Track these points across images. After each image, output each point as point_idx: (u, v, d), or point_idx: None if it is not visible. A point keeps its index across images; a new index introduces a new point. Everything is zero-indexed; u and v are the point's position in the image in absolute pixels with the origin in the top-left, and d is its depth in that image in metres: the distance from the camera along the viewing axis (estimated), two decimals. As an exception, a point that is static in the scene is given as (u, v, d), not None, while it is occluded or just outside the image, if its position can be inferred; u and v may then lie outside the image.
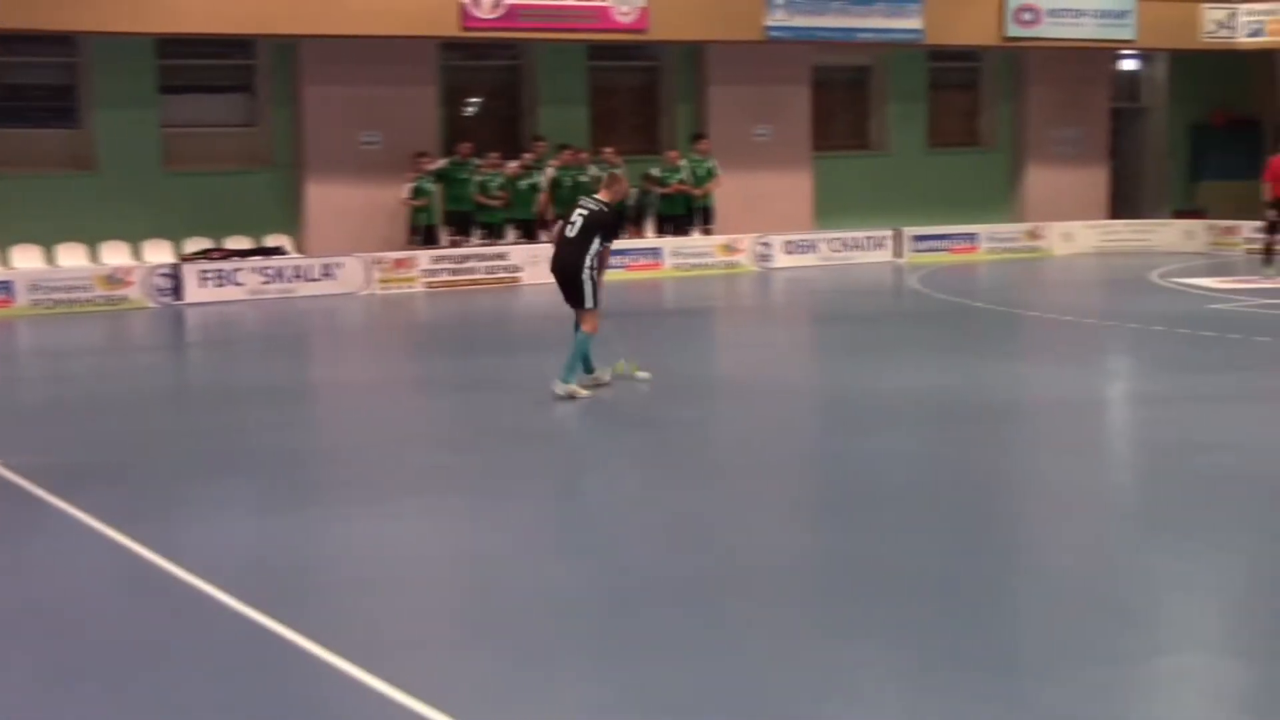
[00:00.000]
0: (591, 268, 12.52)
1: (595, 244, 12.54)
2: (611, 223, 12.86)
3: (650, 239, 24.13)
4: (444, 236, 22.93)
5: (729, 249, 24.41)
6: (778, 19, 24.18)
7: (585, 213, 12.69)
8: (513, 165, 23.02)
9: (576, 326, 12.70)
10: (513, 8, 22.19)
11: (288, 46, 22.37)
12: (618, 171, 13.89)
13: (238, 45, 22.47)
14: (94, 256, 21.47)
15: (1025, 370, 14.64)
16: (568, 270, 12.60)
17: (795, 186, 26.14)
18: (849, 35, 25.01)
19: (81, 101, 21.97)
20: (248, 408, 12.88)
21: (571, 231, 12.63)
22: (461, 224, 22.96)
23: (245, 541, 8.37)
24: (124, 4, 20.28)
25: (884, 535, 8.27)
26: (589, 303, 12.54)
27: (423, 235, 22.62)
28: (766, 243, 24.79)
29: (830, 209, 26.35)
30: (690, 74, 25.57)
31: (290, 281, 21.43)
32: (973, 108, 28.83)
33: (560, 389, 12.42)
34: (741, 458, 10.75)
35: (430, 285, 22.06)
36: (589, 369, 12.85)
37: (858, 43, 25.47)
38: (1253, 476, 9.61)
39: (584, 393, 12.55)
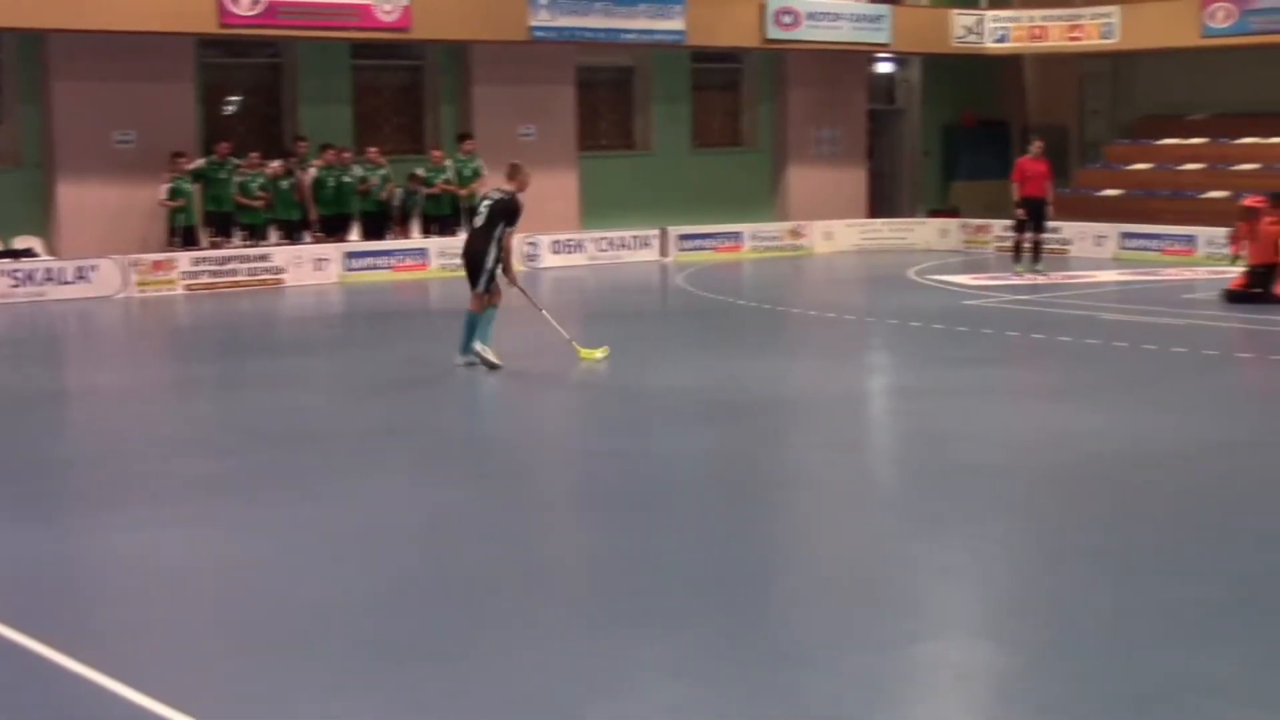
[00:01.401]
0: (495, 258, 13.57)
1: (500, 229, 13.54)
2: (514, 209, 13.68)
3: (416, 239, 23.93)
4: (204, 238, 22.37)
5: (496, 249, 24.29)
6: (541, 19, 24.20)
7: (490, 201, 13.75)
8: (274, 165, 22.59)
9: (490, 307, 13.75)
10: (272, 4, 21.75)
11: (34, 39, 21.56)
12: (519, 162, 14.52)
13: (-20, 38, 21.61)
14: None
15: (789, 366, 14.91)
16: (474, 255, 13.70)
17: (561, 186, 26.18)
18: (613, 36, 25.16)
19: None
20: (-4, 416, 12.40)
21: (479, 221, 13.72)
22: (222, 225, 22.43)
23: (-7, 555, 8.04)
24: None
25: (653, 531, 8.33)
26: (481, 285, 13.58)
27: (182, 236, 22.01)
28: (533, 242, 24.78)
29: (597, 209, 26.48)
30: (455, 74, 25.42)
31: (41, 285, 20.65)
32: (735, 108, 29.28)
33: (459, 360, 13.79)
34: (511, 457, 10.72)
35: (190, 288, 21.51)
36: (470, 344, 13.82)
37: (621, 43, 25.64)
38: (1006, 467, 9.96)
39: (492, 356, 13.67)
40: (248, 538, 8.37)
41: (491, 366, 13.71)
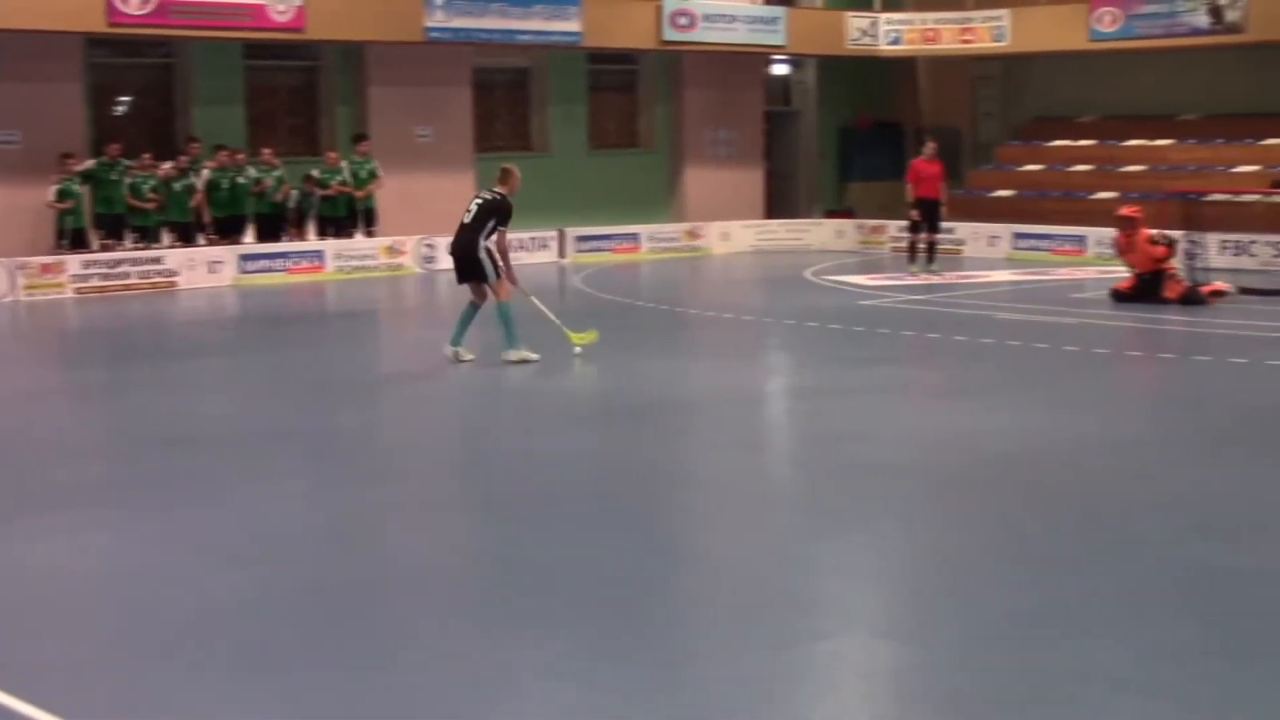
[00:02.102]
0: (488, 249, 13.91)
1: (490, 227, 13.92)
2: (506, 209, 14.07)
3: (312, 241, 23.71)
4: (94, 240, 22.00)
5: (392, 251, 24.19)
6: (437, 20, 24.06)
7: (481, 201, 14.18)
8: (166, 167, 22.26)
9: (472, 305, 14.23)
10: (163, 4, 21.42)
11: (-84, 39, 21.11)
12: (511, 165, 14.80)
13: None
14: None
15: (688, 367, 14.94)
16: (465, 251, 14.08)
17: (458, 187, 25.97)
18: (509, 37, 25.08)
19: None
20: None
21: (468, 218, 14.09)
22: (113, 227, 22.08)
23: (-123, 566, 7.84)
24: None
25: (551, 533, 8.30)
26: (492, 276, 14.00)
27: (70, 239, 21.63)
28: (431, 244, 24.65)
29: (494, 210, 26.31)
30: (350, 74, 25.22)
31: (-75, 289, 20.24)
32: (632, 110, 29.31)
33: (512, 356, 14.00)
34: (405, 460, 10.64)
35: (81, 291, 21.13)
36: (459, 340, 14.23)
37: (518, 44, 25.58)
38: (904, 466, 10.04)
39: (534, 356, 14.05)
40: (139, 544, 8.23)
41: (460, 360, 14.16)
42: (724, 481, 9.88)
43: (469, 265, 14.13)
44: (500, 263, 14.01)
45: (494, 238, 13.99)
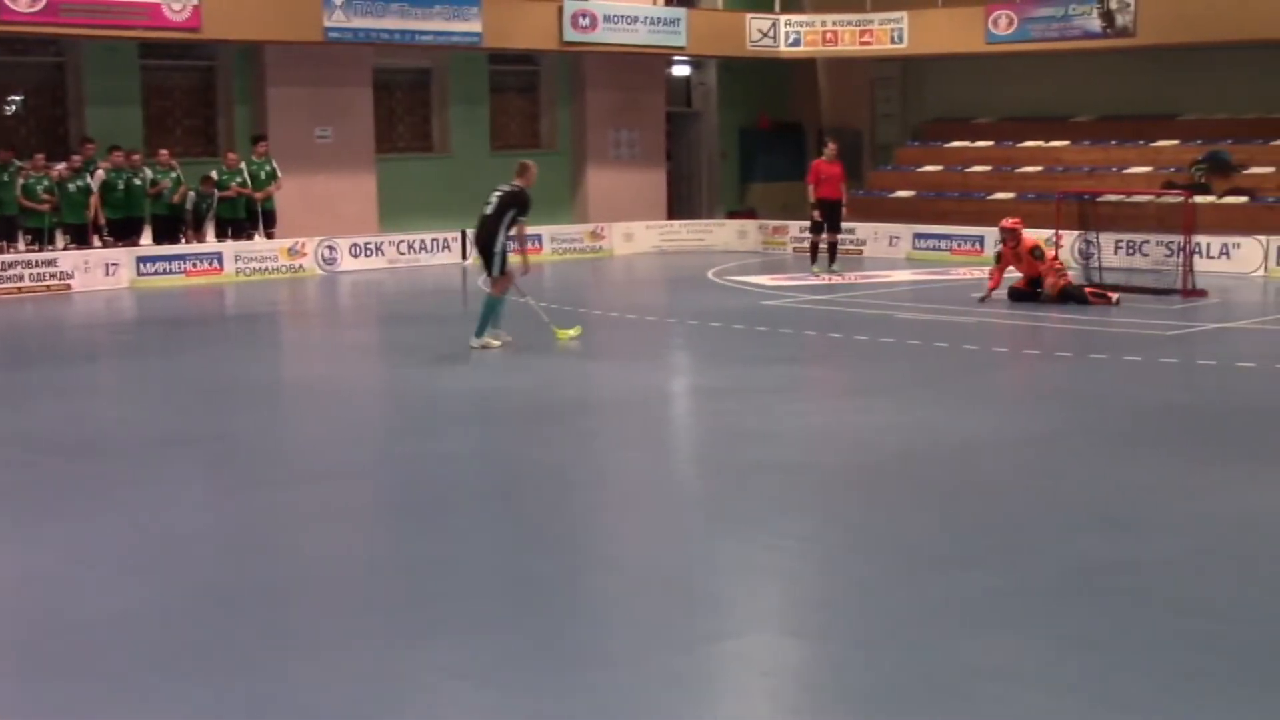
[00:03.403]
0: (504, 243, 14.89)
1: (510, 217, 14.87)
2: (525, 201, 15.03)
3: (210, 243, 23.41)
4: (-15, 243, 21.60)
5: (292, 252, 23.96)
6: (336, 20, 23.88)
7: (501, 193, 15.05)
8: (60, 167, 21.89)
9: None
10: (53, 2, 21.07)
11: None
12: (528, 160, 15.67)
13: None
14: None
15: (591, 368, 14.93)
16: (485, 241, 15.05)
17: (359, 188, 25.91)
18: (409, 37, 24.94)
19: None
20: None
21: (489, 209, 14.97)
22: (5, 229, 21.66)
23: None
24: None
25: (457, 536, 8.27)
26: (495, 269, 15.04)
27: (-39, 242, 21.22)
28: (331, 246, 24.46)
29: (395, 211, 26.23)
30: (248, 74, 24.95)
31: None
32: (534, 110, 29.27)
33: (475, 343, 14.97)
34: (307, 464, 10.52)
35: (-29, 295, 20.75)
36: (497, 324, 15.24)
37: (418, 45, 25.44)
38: (807, 465, 10.11)
39: (495, 344, 15.06)
40: (31, 551, 8.08)
41: (487, 347, 15.02)
42: (630, 482, 9.88)
43: (485, 254, 15.11)
44: (504, 261, 14.97)
45: (514, 228, 14.93)
